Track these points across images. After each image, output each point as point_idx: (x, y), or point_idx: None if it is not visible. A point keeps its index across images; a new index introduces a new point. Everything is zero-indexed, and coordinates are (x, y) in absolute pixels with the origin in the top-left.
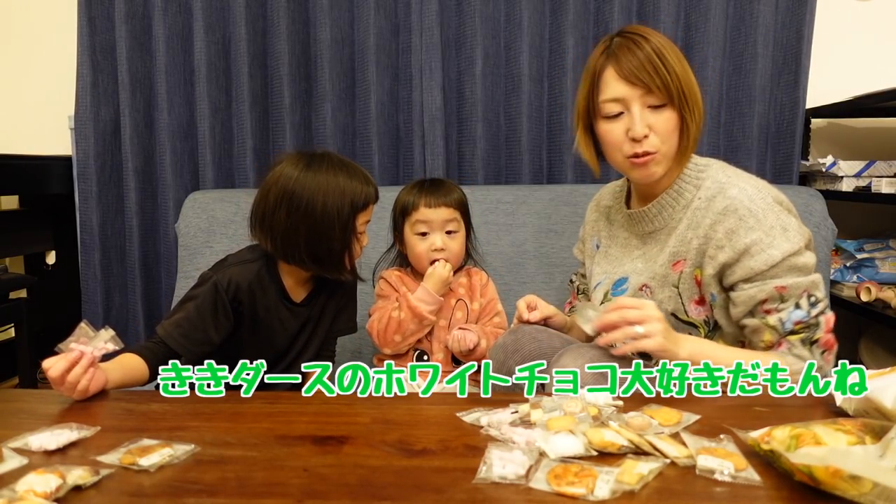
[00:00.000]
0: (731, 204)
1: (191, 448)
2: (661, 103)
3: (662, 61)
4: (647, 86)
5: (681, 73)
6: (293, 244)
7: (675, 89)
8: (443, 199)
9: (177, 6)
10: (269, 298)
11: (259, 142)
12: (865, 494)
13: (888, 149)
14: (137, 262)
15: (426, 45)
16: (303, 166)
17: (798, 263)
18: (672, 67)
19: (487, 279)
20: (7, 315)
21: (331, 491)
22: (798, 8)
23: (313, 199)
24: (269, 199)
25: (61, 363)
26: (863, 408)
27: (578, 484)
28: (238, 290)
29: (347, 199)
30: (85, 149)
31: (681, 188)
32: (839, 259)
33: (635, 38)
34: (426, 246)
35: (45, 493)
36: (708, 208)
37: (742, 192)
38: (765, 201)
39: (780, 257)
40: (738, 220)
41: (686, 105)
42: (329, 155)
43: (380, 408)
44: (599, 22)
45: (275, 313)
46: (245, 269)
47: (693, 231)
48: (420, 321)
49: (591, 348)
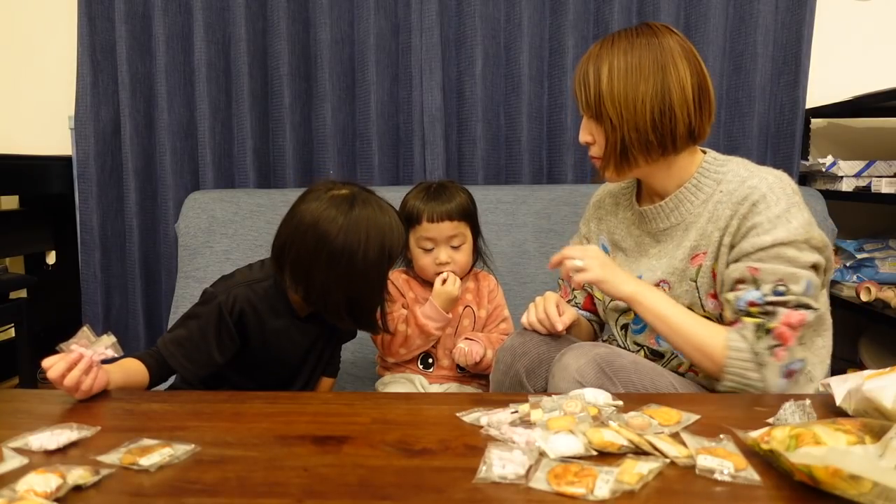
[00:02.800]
0: (750, 193)
1: (191, 448)
2: (588, 115)
3: (585, 78)
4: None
5: (603, 88)
6: (331, 298)
7: (592, 102)
8: (446, 212)
9: (177, 6)
10: (279, 318)
11: (259, 142)
12: (865, 494)
13: (888, 149)
14: (137, 262)
15: (426, 45)
16: (346, 209)
17: (787, 254)
18: (589, 83)
19: (496, 285)
20: (7, 315)
21: (331, 491)
22: (798, 8)
23: (353, 250)
24: (305, 241)
25: (61, 364)
26: (862, 408)
27: (578, 484)
28: (243, 314)
29: (386, 252)
30: (85, 149)
31: (700, 183)
32: (839, 259)
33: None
34: (430, 260)
35: (46, 492)
36: (729, 201)
37: (762, 182)
38: (783, 190)
39: (769, 242)
40: (751, 206)
41: (602, 115)
42: (370, 198)
43: (380, 408)
44: (599, 22)
45: (284, 332)
46: (252, 291)
47: (714, 224)
48: (427, 337)
49: (594, 347)
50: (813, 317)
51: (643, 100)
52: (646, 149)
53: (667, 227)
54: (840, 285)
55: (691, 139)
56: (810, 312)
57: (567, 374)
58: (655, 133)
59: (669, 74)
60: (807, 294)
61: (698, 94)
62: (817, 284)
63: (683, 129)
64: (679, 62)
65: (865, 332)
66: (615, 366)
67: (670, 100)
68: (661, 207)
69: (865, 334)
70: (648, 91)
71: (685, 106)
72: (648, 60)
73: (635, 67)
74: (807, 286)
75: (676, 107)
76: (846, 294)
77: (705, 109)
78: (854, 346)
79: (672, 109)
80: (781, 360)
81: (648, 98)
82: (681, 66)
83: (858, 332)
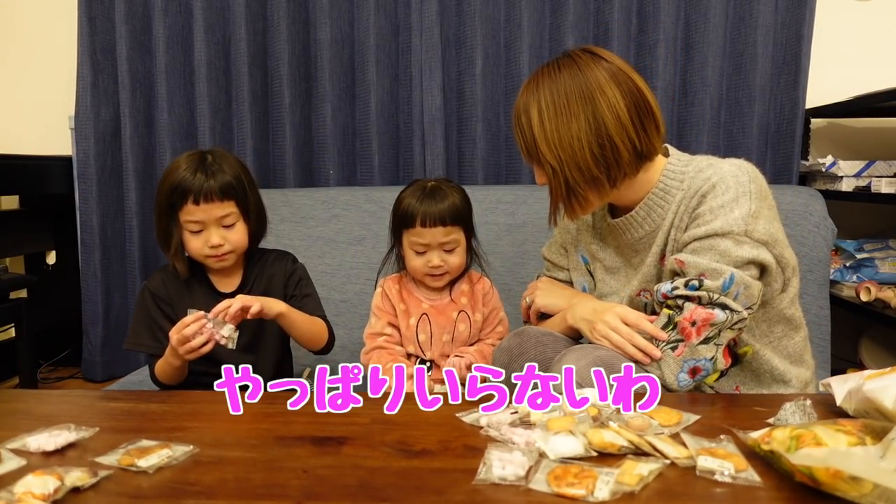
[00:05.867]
0: (702, 185)
1: (189, 449)
2: (529, 161)
3: (518, 123)
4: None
5: (536, 133)
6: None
7: (529, 148)
8: (439, 217)
9: (177, 6)
10: (196, 293)
11: (259, 142)
12: (866, 496)
13: (888, 149)
14: (137, 262)
15: (426, 45)
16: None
17: (719, 246)
18: (523, 129)
19: (490, 287)
20: (7, 315)
21: (330, 492)
22: (798, 8)
23: (158, 188)
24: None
25: (193, 326)
26: (863, 408)
27: (578, 485)
28: (167, 289)
29: (166, 189)
30: (85, 149)
31: (666, 186)
32: (839, 259)
33: (518, 97)
34: (423, 262)
35: (44, 494)
36: (687, 196)
37: (716, 172)
38: (736, 179)
39: (703, 233)
40: (700, 198)
41: (542, 160)
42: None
43: (379, 408)
44: (599, 22)
45: (206, 307)
46: (165, 272)
47: (679, 223)
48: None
49: (595, 349)
50: (724, 319)
51: (578, 137)
52: (594, 185)
53: (642, 235)
54: (840, 285)
55: (641, 160)
56: (724, 312)
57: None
58: (599, 168)
59: (598, 104)
60: (724, 291)
61: (636, 114)
62: (748, 283)
63: (628, 154)
64: (606, 88)
65: (865, 332)
66: (615, 367)
67: (606, 130)
68: (631, 219)
69: (865, 334)
70: (582, 127)
71: (623, 132)
72: (574, 95)
73: (563, 106)
74: (726, 283)
75: (615, 136)
76: (846, 294)
77: (649, 126)
78: (854, 346)
79: (611, 139)
80: (680, 355)
81: (583, 134)
82: (609, 92)
83: (858, 332)
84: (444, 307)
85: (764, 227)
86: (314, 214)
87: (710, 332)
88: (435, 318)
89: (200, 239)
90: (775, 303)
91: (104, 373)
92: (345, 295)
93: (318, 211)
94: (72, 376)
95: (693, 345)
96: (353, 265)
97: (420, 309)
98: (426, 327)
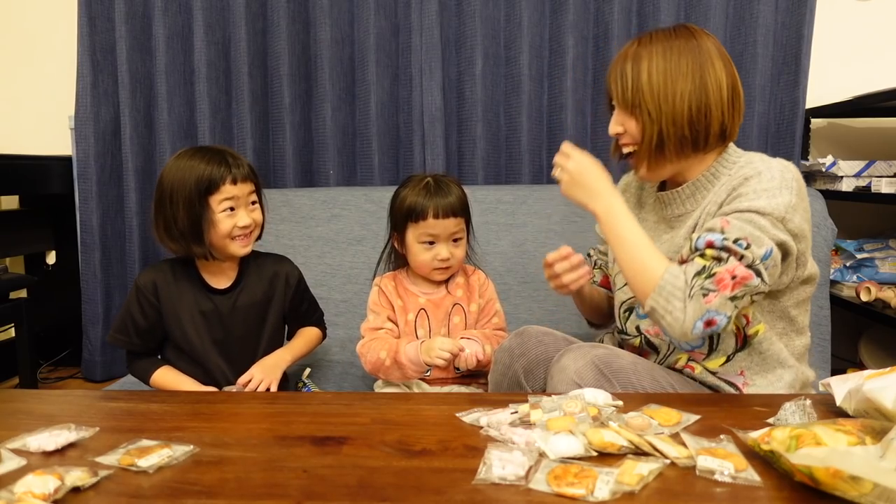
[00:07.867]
0: (748, 172)
1: (190, 449)
2: (624, 108)
3: (623, 73)
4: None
5: (642, 82)
6: (155, 225)
7: (629, 95)
8: (450, 208)
9: (177, 6)
10: (188, 290)
11: (259, 142)
12: (866, 495)
13: (888, 149)
14: (137, 262)
15: (426, 45)
16: (173, 157)
17: (759, 222)
18: (627, 77)
19: (486, 278)
20: (7, 315)
21: (330, 492)
22: (798, 8)
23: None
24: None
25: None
26: (863, 408)
27: (578, 485)
28: (156, 287)
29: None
30: (85, 149)
31: (717, 171)
32: (839, 259)
33: (625, 51)
34: (431, 255)
35: (44, 494)
36: (735, 180)
37: (765, 164)
38: (782, 174)
39: (745, 207)
40: (744, 180)
41: (641, 107)
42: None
43: (379, 408)
44: (599, 22)
45: (196, 304)
46: (158, 269)
47: (716, 198)
48: (403, 374)
49: (593, 348)
50: (756, 284)
51: (682, 95)
52: (679, 144)
53: (682, 213)
54: (840, 285)
55: (722, 138)
56: (757, 280)
57: (565, 376)
58: (691, 129)
59: (708, 74)
60: (764, 261)
61: (732, 95)
62: (777, 262)
63: (717, 127)
64: (716, 62)
65: (865, 332)
66: (614, 367)
67: (707, 99)
68: (678, 193)
69: (865, 334)
70: (687, 88)
71: (721, 105)
72: (687, 61)
73: (675, 63)
74: (766, 254)
75: (713, 105)
76: (846, 294)
77: (737, 110)
78: (854, 346)
79: (709, 107)
80: (709, 303)
81: (687, 94)
82: (717, 66)
83: (858, 332)
84: (440, 300)
85: (798, 222)
86: (314, 214)
87: (741, 291)
88: (433, 312)
89: (232, 220)
90: (780, 296)
91: (104, 373)
92: (345, 295)
93: (318, 211)
94: (72, 376)
95: (725, 297)
96: (353, 265)
97: (417, 304)
98: (424, 322)
